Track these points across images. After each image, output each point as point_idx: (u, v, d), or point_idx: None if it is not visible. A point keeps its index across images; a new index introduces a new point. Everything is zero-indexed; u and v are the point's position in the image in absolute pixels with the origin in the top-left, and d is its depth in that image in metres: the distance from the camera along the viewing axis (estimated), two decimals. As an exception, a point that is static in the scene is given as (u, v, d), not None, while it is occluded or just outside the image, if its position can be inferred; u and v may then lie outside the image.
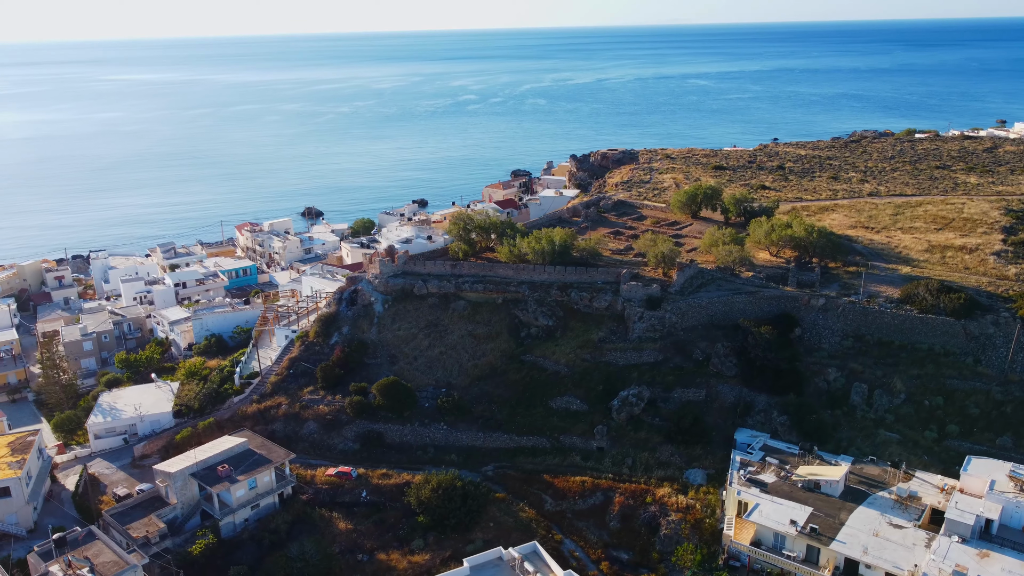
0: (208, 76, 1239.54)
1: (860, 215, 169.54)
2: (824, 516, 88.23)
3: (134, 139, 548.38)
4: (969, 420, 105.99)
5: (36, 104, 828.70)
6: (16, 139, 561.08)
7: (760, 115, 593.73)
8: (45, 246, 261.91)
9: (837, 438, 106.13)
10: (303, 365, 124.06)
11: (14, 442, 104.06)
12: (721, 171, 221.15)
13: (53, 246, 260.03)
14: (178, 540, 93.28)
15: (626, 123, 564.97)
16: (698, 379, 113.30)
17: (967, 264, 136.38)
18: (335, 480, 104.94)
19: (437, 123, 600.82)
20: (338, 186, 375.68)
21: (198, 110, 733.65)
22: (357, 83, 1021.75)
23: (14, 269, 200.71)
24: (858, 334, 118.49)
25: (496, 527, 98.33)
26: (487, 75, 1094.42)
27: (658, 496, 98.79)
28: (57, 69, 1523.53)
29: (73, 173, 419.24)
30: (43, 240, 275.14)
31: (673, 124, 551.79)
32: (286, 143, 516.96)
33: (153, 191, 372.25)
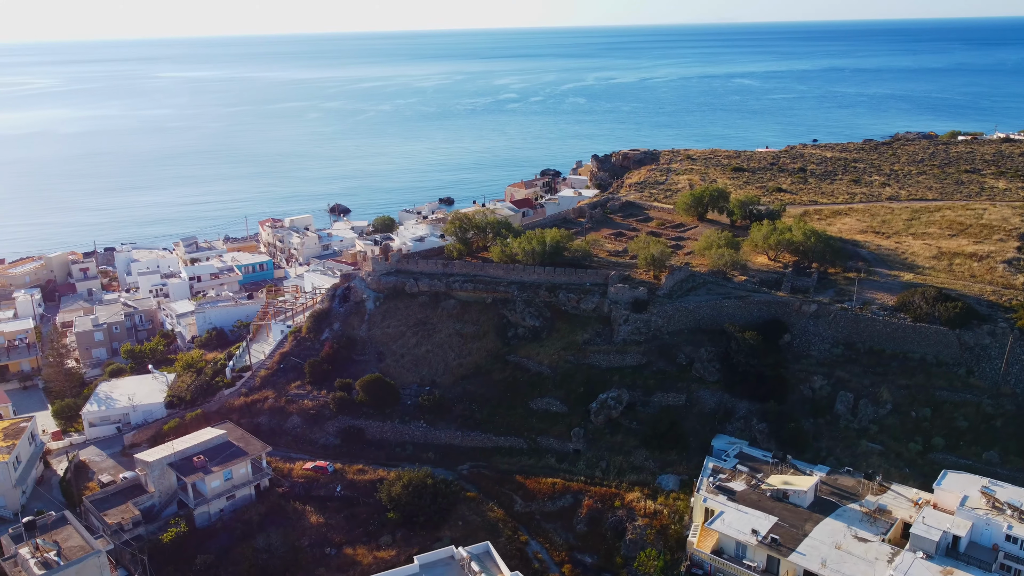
0: (256, 73, 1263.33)
1: (873, 220, 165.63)
2: (788, 527, 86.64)
3: (177, 135, 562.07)
4: (956, 433, 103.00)
5: (89, 101, 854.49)
6: (66, 134, 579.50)
7: (802, 116, 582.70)
8: (78, 238, 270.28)
9: (816, 447, 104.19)
10: (293, 360, 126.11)
11: (7, 428, 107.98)
12: (740, 173, 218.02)
13: (86, 238, 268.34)
14: (151, 527, 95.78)
15: (663, 123, 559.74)
16: (679, 383, 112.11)
17: (974, 272, 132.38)
18: (311, 474, 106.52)
19: (474, 121, 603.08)
20: (369, 183, 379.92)
21: (242, 107, 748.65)
22: (401, 81, 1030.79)
23: (42, 261, 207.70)
24: (849, 342, 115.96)
25: (465, 526, 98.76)
26: (531, 74, 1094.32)
27: (627, 500, 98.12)
28: (112, 67, 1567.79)
29: (114, 168, 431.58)
30: (78, 232, 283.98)
31: (711, 124, 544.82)
32: (324, 140, 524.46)
33: (190, 186, 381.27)
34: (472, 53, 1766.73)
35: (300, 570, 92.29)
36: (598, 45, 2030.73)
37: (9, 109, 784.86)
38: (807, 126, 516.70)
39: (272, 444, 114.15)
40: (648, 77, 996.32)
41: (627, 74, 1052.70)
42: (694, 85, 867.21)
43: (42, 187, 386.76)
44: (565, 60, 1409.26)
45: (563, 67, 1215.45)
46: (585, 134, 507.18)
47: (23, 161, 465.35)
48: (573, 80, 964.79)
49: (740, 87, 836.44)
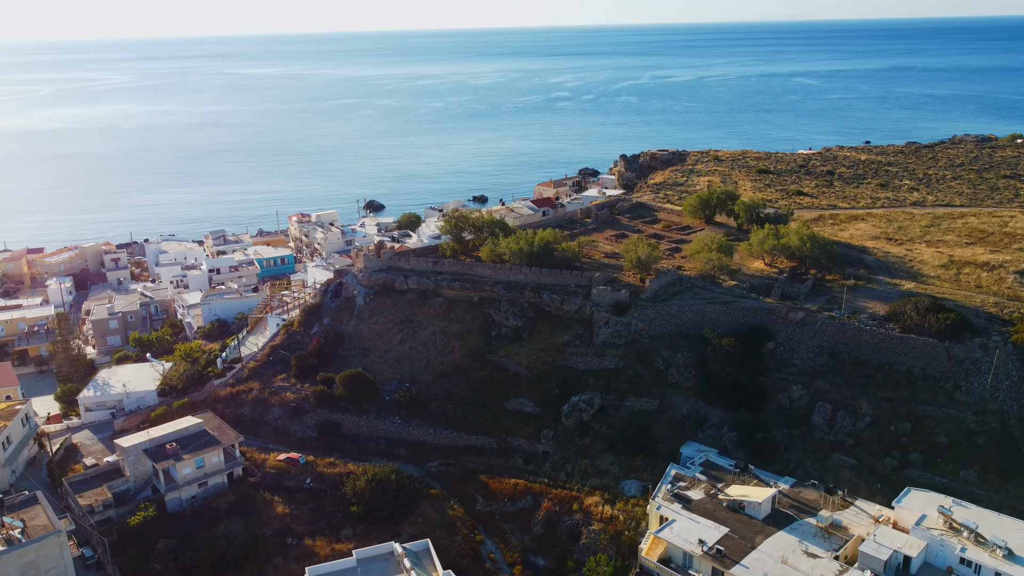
0: (318, 70, 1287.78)
1: (890, 225, 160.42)
2: (738, 538, 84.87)
3: (231, 130, 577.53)
4: (936, 450, 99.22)
5: (155, 96, 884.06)
6: (127, 129, 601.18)
7: (859, 116, 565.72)
8: (122, 229, 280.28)
9: (786, 458, 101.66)
10: (282, 353, 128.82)
11: (2, 410, 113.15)
12: (764, 175, 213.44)
13: (129, 229, 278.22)
14: (122, 510, 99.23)
15: (713, 123, 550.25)
16: (653, 388, 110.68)
17: (981, 282, 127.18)
18: (283, 465, 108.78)
19: (522, 119, 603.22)
20: (409, 180, 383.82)
21: (298, 103, 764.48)
22: (457, 79, 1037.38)
23: (77, 250, 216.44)
24: (835, 351, 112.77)
25: (424, 522, 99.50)
26: (587, 72, 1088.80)
27: (586, 504, 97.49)
28: (183, 63, 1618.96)
29: (165, 162, 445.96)
30: (122, 223, 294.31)
31: (762, 125, 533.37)
32: (371, 137, 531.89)
33: (234, 180, 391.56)
34: (531, 51, 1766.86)
35: (258, 558, 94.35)
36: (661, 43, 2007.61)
37: (83, 104, 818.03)
38: (863, 127, 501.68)
39: (253, 435, 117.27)
40: (705, 76, 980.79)
41: (685, 72, 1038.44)
42: (752, 84, 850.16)
43: (95, 179, 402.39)
44: (625, 58, 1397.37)
45: (620, 65, 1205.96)
46: (631, 134, 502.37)
47: (84, 154, 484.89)
48: (628, 79, 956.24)
49: (799, 87, 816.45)
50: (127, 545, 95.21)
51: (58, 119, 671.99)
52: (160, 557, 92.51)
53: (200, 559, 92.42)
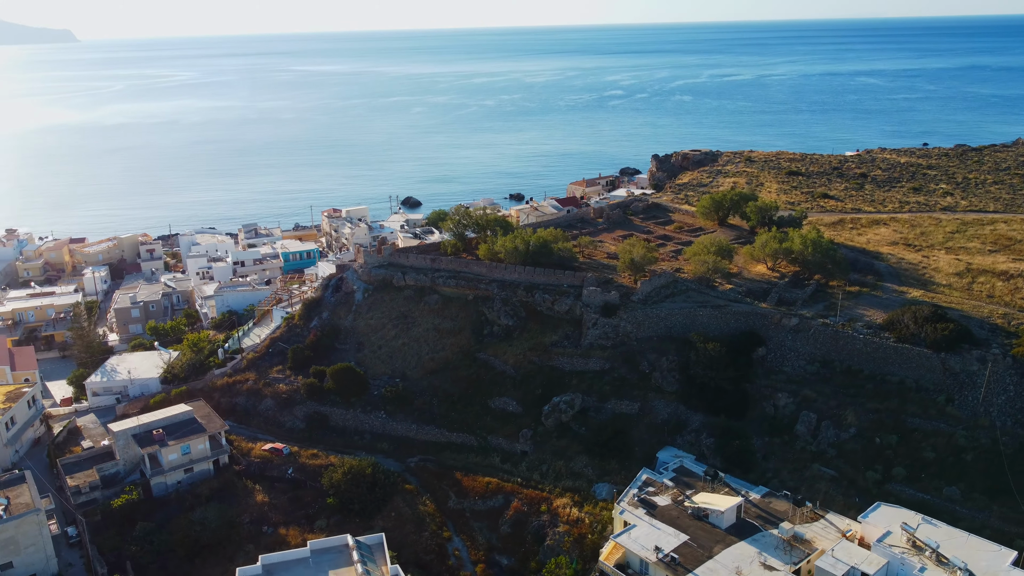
0: (379, 68, 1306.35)
1: (912, 231, 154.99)
2: (696, 547, 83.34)
3: (287, 126, 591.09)
4: (921, 464, 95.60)
5: (220, 92, 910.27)
6: (189, 123, 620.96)
7: (921, 118, 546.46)
8: (164, 220, 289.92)
9: (763, 467, 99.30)
10: (280, 345, 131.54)
11: (11, 392, 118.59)
12: (794, 177, 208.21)
13: (172, 220, 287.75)
14: (108, 493, 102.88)
15: (766, 122, 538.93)
16: (635, 392, 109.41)
17: (994, 292, 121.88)
18: (267, 455, 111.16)
19: (572, 117, 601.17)
20: (449, 177, 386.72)
21: (355, 100, 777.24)
22: (513, 76, 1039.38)
23: (114, 241, 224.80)
24: (827, 359, 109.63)
25: (396, 517, 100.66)
26: (645, 70, 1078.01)
27: (554, 506, 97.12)
28: (251, 60, 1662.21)
29: (218, 156, 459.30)
30: (166, 215, 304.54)
31: (816, 125, 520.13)
32: (420, 134, 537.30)
33: (281, 174, 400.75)
34: (593, 49, 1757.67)
35: (231, 544, 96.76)
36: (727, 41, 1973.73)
37: (150, 99, 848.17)
38: (923, 129, 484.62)
39: (245, 424, 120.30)
40: (766, 74, 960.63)
41: (745, 71, 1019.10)
42: (812, 83, 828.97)
43: (150, 172, 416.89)
44: (686, 56, 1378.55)
45: (679, 63, 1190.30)
46: (679, 133, 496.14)
47: (143, 147, 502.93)
48: (686, 77, 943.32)
49: (862, 86, 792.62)
50: (110, 526, 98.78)
51: (124, 114, 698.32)
52: (137, 539, 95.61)
53: (175, 543, 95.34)
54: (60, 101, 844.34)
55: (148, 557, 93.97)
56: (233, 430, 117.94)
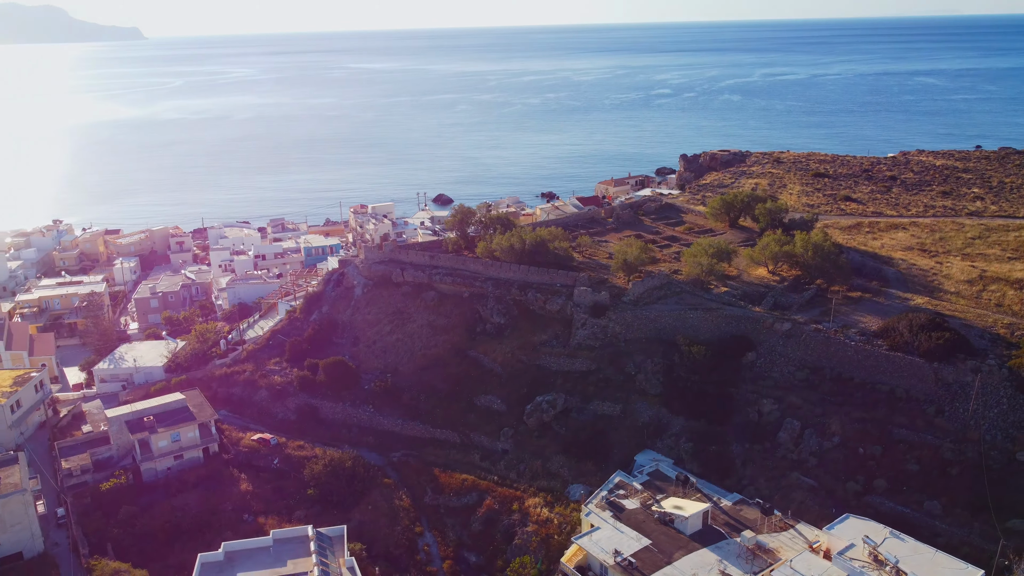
0: (428, 65, 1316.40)
1: (931, 236, 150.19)
2: (656, 552, 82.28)
3: (331, 123, 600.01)
4: (904, 477, 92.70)
5: (273, 88, 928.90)
6: (238, 119, 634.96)
7: (977, 120, 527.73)
8: (201, 212, 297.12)
9: (741, 474, 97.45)
10: (280, 338, 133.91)
11: (19, 377, 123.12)
12: (820, 179, 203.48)
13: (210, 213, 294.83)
14: (98, 476, 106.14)
15: (813, 123, 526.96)
16: (619, 393, 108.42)
17: (1004, 300, 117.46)
18: (255, 445, 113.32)
19: (616, 116, 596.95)
20: (485, 175, 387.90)
21: (401, 97, 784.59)
22: (563, 75, 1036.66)
23: (146, 233, 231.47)
24: (817, 366, 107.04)
25: (373, 510, 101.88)
26: (695, 68, 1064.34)
27: (526, 505, 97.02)
28: (307, 57, 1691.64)
29: (260, 152, 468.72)
30: (203, 207, 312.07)
31: (865, 126, 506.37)
32: (461, 131, 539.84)
33: (318, 170, 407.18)
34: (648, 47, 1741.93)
35: (211, 531, 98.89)
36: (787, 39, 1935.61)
37: (205, 96, 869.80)
38: (977, 131, 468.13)
39: (239, 414, 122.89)
40: (821, 74, 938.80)
41: (800, 70, 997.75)
42: (868, 83, 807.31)
43: (195, 167, 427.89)
44: (741, 55, 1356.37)
45: (732, 62, 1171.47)
46: (723, 132, 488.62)
47: (192, 142, 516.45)
48: (738, 76, 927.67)
49: (920, 86, 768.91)
50: (98, 509, 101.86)
51: (179, 110, 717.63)
52: (120, 522, 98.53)
53: (156, 527, 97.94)
54: (118, 97, 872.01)
55: (129, 540, 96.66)
56: (227, 419, 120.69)
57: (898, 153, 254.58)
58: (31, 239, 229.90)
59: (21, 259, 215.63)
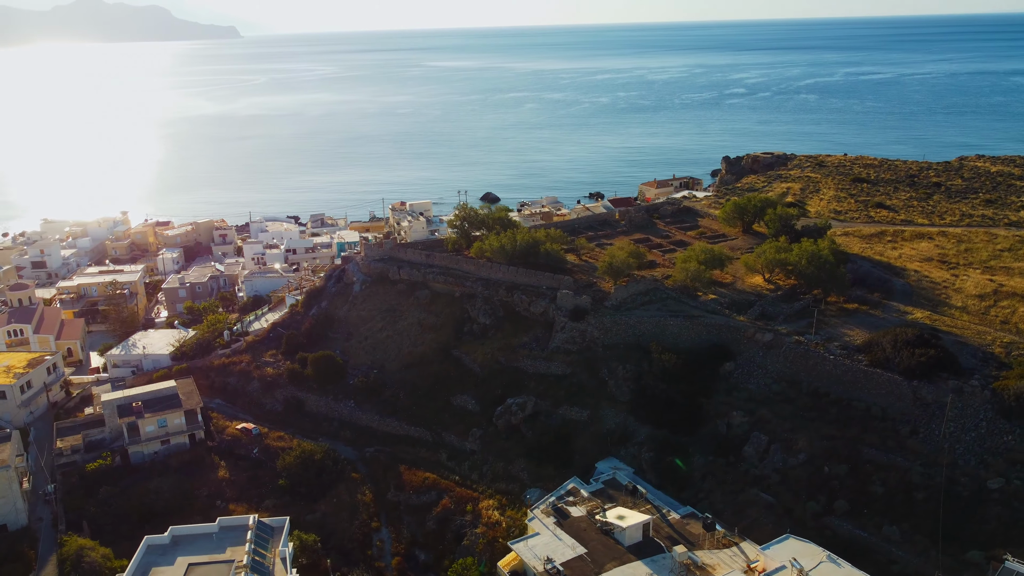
0: (507, 64, 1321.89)
1: (958, 246, 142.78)
2: (589, 562, 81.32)
3: (400, 120, 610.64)
4: (867, 499, 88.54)
5: (352, 86, 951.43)
6: (312, 116, 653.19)
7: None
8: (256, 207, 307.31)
9: (699, 487, 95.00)
10: (280, 331, 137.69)
11: (34, 359, 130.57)
12: (858, 184, 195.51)
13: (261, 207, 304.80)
14: (88, 456, 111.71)
15: (888, 124, 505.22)
16: (588, 399, 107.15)
17: (1011, 317, 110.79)
18: (238, 434, 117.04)
19: (683, 115, 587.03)
20: (537, 173, 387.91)
21: (473, 95, 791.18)
22: (638, 73, 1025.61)
23: (192, 226, 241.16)
24: (794, 379, 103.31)
25: (337, 503, 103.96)
26: (776, 67, 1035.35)
27: (480, 507, 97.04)
28: (390, 55, 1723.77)
29: (325, 147, 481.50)
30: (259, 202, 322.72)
31: (942, 128, 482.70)
32: (524, 130, 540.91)
33: (376, 166, 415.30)
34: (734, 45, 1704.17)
35: (182, 515, 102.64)
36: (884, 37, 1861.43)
37: (285, 92, 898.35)
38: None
39: (232, 403, 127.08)
40: (909, 73, 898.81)
41: (887, 69, 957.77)
42: (957, 83, 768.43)
43: (261, 160, 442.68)
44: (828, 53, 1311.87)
45: (816, 61, 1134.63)
46: (789, 132, 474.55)
47: (264, 137, 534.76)
48: (819, 75, 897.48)
49: (1016, 86, 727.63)
50: (83, 487, 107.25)
51: (258, 106, 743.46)
52: (98, 502, 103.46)
53: (131, 508, 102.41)
54: (204, 93, 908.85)
55: (105, 519, 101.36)
56: (220, 408, 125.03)
57: (955, 159, 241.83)
58: (88, 228, 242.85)
59: (76, 247, 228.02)
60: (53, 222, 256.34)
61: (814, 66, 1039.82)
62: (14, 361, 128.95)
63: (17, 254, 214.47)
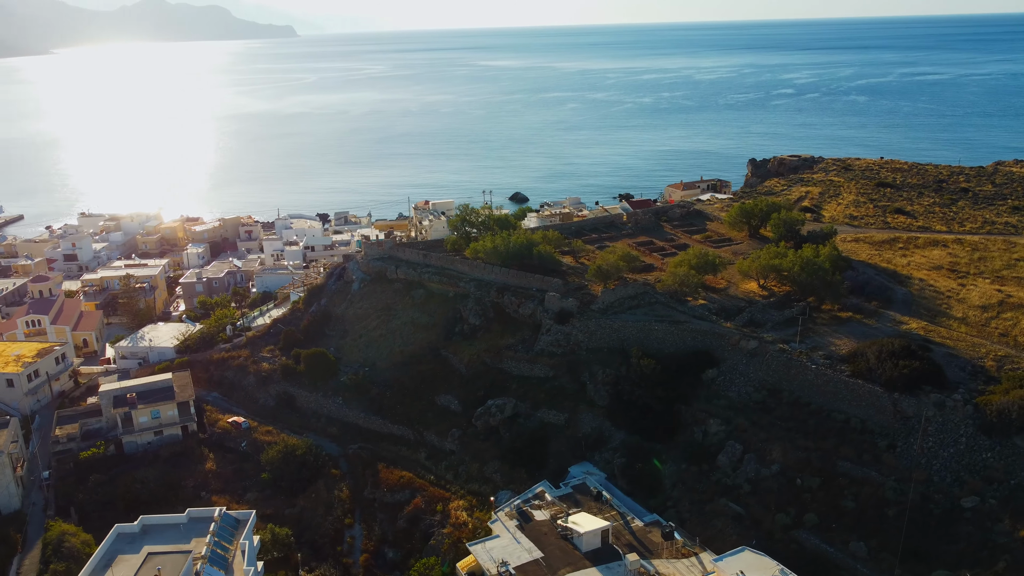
0: (554, 63, 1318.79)
1: (971, 255, 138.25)
2: (544, 567, 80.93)
3: (441, 118, 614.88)
4: (836, 513, 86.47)
5: (399, 85, 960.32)
6: (355, 114, 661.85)
7: None
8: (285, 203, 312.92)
9: (669, 494, 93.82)
10: (280, 327, 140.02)
11: (43, 349, 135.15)
12: (881, 189, 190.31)
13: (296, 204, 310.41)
14: (83, 445, 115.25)
15: (936, 126, 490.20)
16: (567, 402, 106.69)
17: (1011, 330, 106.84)
18: (228, 427, 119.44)
19: (725, 116, 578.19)
20: (568, 174, 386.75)
21: (516, 95, 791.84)
22: (686, 73, 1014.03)
23: (220, 222, 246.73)
24: (776, 388, 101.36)
25: (315, 498, 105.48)
26: (829, 68, 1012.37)
27: (449, 508, 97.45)
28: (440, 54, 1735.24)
29: (362, 145, 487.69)
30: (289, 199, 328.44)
31: (995, 131, 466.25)
32: (563, 130, 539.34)
33: (410, 165, 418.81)
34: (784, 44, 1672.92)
35: (167, 504, 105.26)
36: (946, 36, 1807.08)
37: (333, 91, 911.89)
38: None
39: (228, 397, 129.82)
40: (967, 73, 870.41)
41: (945, 70, 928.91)
42: (1020, 84, 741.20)
43: (299, 159, 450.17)
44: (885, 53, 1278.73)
45: (872, 61, 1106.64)
46: (829, 135, 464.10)
47: (304, 135, 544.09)
48: (872, 76, 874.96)
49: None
50: (76, 474, 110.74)
51: (304, 104, 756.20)
52: (87, 489, 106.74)
53: (117, 496, 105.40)
54: (252, 92, 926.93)
55: (92, 505, 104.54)
56: (216, 401, 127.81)
57: (990, 164, 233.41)
58: (121, 223, 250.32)
59: (108, 241, 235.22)
60: (90, 216, 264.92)
61: (868, 66, 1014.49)
62: (25, 350, 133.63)
63: (51, 247, 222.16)
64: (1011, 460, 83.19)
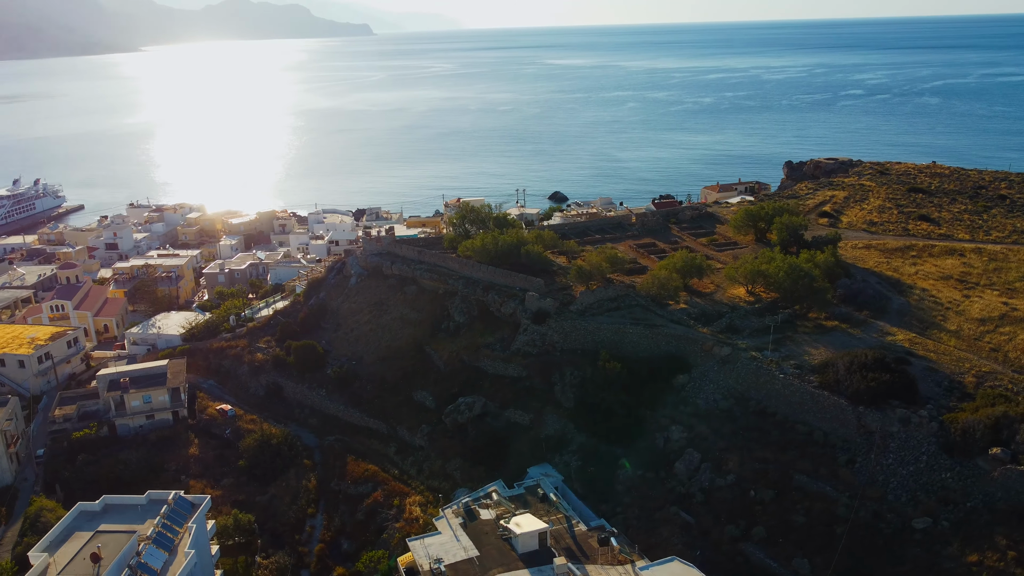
0: (621, 62, 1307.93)
1: (988, 264, 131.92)
2: (476, 566, 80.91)
3: (497, 117, 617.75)
4: (785, 528, 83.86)
5: (462, 83, 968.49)
6: (415, 112, 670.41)
7: None
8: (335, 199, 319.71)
9: (620, 499, 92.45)
10: (279, 318, 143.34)
11: (56, 333, 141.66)
12: (913, 194, 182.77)
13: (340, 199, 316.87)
14: (78, 425, 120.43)
15: (1009, 131, 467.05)
16: (534, 403, 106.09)
17: (1004, 345, 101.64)
18: (215, 415, 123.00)
19: (787, 117, 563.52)
20: (612, 174, 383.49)
21: (577, 93, 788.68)
22: (753, 73, 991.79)
23: (255, 215, 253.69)
24: (744, 396, 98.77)
25: (285, 486, 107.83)
26: (905, 68, 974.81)
27: (406, 502, 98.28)
28: (509, 53, 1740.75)
29: (415, 141, 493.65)
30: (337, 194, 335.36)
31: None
32: (616, 129, 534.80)
33: (458, 161, 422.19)
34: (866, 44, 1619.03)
35: (147, 485, 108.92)
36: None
37: (397, 89, 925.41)
38: None
39: (223, 385, 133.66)
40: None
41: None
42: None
43: (354, 154, 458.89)
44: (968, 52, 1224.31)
45: (953, 61, 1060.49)
46: (891, 138, 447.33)
47: (362, 131, 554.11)
48: (950, 76, 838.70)
49: None
50: (62, 452, 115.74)
51: (365, 102, 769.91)
52: (75, 468, 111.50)
53: (100, 476, 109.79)
54: (321, 89, 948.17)
55: (76, 483, 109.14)
56: (211, 389, 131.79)
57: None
58: (164, 214, 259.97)
59: (150, 231, 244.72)
60: (137, 207, 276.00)
61: (948, 66, 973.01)
62: (40, 333, 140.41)
63: (95, 236, 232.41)
64: (970, 482, 79.18)
